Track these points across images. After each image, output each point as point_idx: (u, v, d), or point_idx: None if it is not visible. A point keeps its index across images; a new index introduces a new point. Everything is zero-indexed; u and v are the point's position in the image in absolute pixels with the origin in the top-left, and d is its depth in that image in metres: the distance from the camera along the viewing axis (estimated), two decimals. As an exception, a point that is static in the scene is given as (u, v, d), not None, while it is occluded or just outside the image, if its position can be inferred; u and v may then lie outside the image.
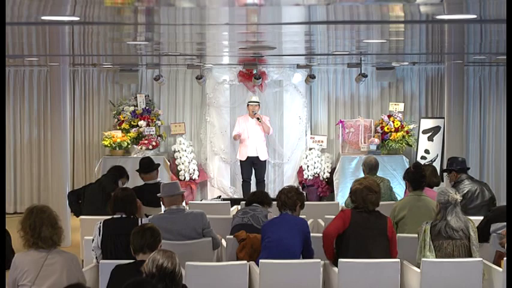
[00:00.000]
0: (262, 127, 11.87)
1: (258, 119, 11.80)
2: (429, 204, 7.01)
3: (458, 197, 6.14)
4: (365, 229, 6.10)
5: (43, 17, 5.62)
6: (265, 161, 12.05)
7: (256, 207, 7.08)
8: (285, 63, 12.57)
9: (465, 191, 7.93)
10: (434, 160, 12.33)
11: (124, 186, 8.00)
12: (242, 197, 11.51)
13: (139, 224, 6.00)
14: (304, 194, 6.73)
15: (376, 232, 6.13)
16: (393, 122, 12.55)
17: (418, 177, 7.22)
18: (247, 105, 12.00)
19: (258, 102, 12.01)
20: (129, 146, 12.39)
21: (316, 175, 12.66)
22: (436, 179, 8.05)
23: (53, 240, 5.04)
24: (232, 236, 6.82)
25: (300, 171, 12.77)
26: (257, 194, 7.58)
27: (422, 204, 7.05)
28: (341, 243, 6.17)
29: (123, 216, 6.20)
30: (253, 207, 7.12)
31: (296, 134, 12.92)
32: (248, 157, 11.87)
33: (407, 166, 11.91)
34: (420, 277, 5.97)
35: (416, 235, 6.33)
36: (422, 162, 11.60)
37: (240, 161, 11.99)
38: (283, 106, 12.87)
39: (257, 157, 11.89)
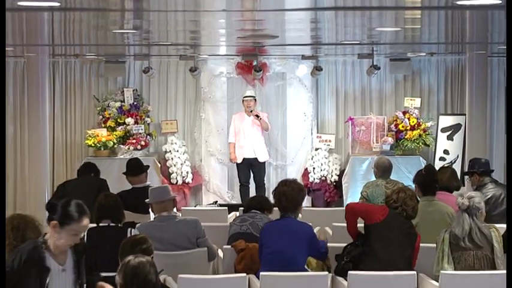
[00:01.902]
0: (260, 125, 11.84)
1: (257, 116, 11.78)
2: (442, 209, 7.03)
3: (466, 202, 6.09)
4: (398, 231, 6.15)
5: (19, 3, 5.62)
6: (264, 162, 12.04)
7: (255, 214, 7.08)
8: (289, 54, 12.56)
9: (489, 196, 7.93)
10: (455, 161, 12.32)
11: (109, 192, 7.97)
12: (240, 202, 11.51)
13: (128, 233, 6.02)
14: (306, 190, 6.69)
15: (405, 239, 6.17)
16: (409, 119, 12.55)
17: (429, 181, 7.23)
18: (242, 101, 11.98)
19: (254, 96, 11.98)
20: (115, 146, 12.39)
21: (323, 178, 12.65)
22: (457, 182, 8.04)
23: None
24: (229, 246, 6.82)
25: (305, 174, 12.76)
26: (256, 199, 7.58)
27: (435, 210, 7.06)
28: (366, 239, 6.22)
29: (110, 224, 6.21)
30: (252, 213, 7.12)
31: (301, 132, 12.91)
32: (245, 159, 11.86)
33: (425, 168, 11.93)
34: (439, 291, 5.97)
35: (431, 244, 6.34)
36: (441, 163, 11.59)
37: (236, 163, 11.98)
38: (287, 101, 12.86)
39: (255, 158, 11.88)
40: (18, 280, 4.39)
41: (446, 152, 12.59)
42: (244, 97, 11.95)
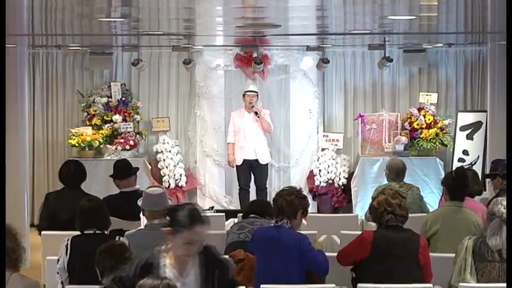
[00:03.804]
0: (260, 124, 11.84)
1: (256, 113, 11.77)
2: (470, 217, 7.01)
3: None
4: (389, 258, 6.07)
5: (-4, -12, 5.61)
6: (266, 164, 12.05)
7: (254, 220, 7.07)
8: (292, 45, 12.57)
9: (513, 201, 7.91)
10: (475, 163, 12.33)
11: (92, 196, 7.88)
12: (239, 208, 11.51)
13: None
14: (309, 199, 6.57)
15: (403, 263, 6.08)
16: (424, 116, 12.55)
17: (460, 185, 7.21)
18: (243, 95, 11.99)
19: (257, 92, 11.99)
20: (102, 146, 12.39)
21: (330, 181, 12.66)
22: (478, 186, 8.04)
23: (15, 255, 5.05)
24: (227, 256, 6.80)
25: (311, 176, 12.77)
26: (256, 203, 7.59)
27: (462, 218, 7.04)
28: (359, 272, 6.18)
29: (96, 232, 6.20)
30: (251, 219, 7.11)
31: (305, 131, 12.92)
32: (245, 160, 11.86)
33: (442, 170, 11.94)
34: (458, 306, 5.95)
35: (452, 254, 6.30)
36: (460, 165, 11.60)
37: (236, 165, 11.98)
38: (290, 97, 12.87)
39: (256, 160, 11.89)
40: (133, 286, 4.42)
41: (465, 152, 12.60)
42: (246, 91, 11.94)
